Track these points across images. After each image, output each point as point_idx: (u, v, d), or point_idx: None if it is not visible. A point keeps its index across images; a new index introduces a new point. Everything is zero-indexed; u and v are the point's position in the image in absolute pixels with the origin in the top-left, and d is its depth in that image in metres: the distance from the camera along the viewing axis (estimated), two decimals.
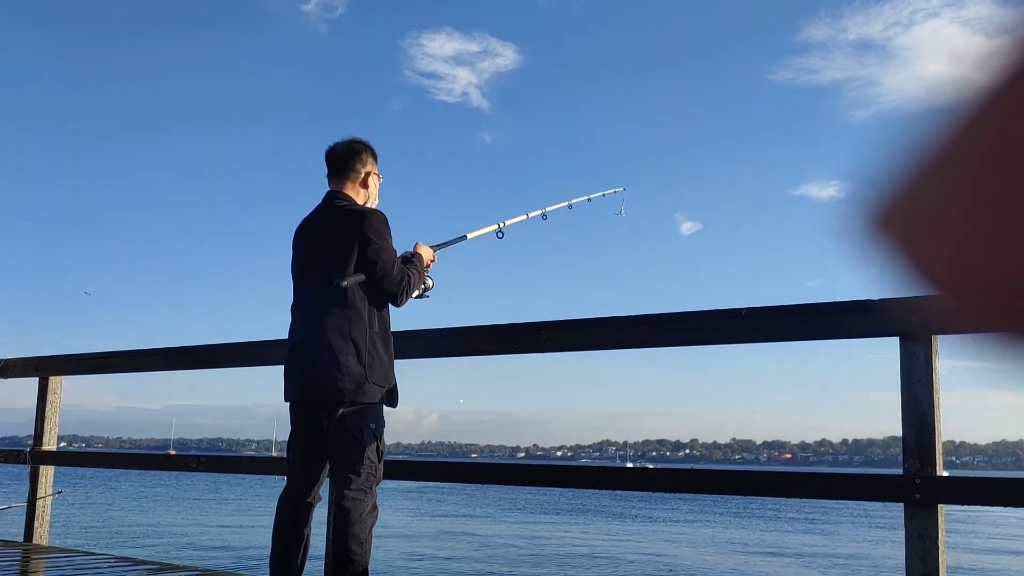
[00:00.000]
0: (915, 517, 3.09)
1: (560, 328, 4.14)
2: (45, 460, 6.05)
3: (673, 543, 27.89)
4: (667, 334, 3.88)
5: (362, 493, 3.50)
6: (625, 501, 48.52)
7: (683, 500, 49.30)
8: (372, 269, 3.59)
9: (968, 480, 3.09)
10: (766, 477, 3.56)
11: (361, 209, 3.76)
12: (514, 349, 4.28)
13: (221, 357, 5.51)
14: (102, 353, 6.07)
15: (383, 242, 3.64)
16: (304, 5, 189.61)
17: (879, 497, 3.27)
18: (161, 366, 5.89)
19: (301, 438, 3.72)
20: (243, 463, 5.74)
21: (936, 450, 3.10)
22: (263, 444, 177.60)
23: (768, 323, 3.60)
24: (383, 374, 3.61)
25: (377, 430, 3.58)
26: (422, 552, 23.19)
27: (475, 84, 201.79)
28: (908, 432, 3.14)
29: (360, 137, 3.94)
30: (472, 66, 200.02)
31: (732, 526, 35.99)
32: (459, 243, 4.42)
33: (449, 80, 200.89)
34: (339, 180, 3.87)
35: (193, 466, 5.63)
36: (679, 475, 3.87)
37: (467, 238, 4.52)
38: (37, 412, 6.16)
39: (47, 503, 6.06)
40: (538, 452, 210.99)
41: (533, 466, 4.29)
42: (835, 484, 3.35)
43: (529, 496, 50.02)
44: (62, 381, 6.27)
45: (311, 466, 3.70)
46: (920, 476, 3.08)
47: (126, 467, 6.53)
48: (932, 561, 3.04)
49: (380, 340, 3.63)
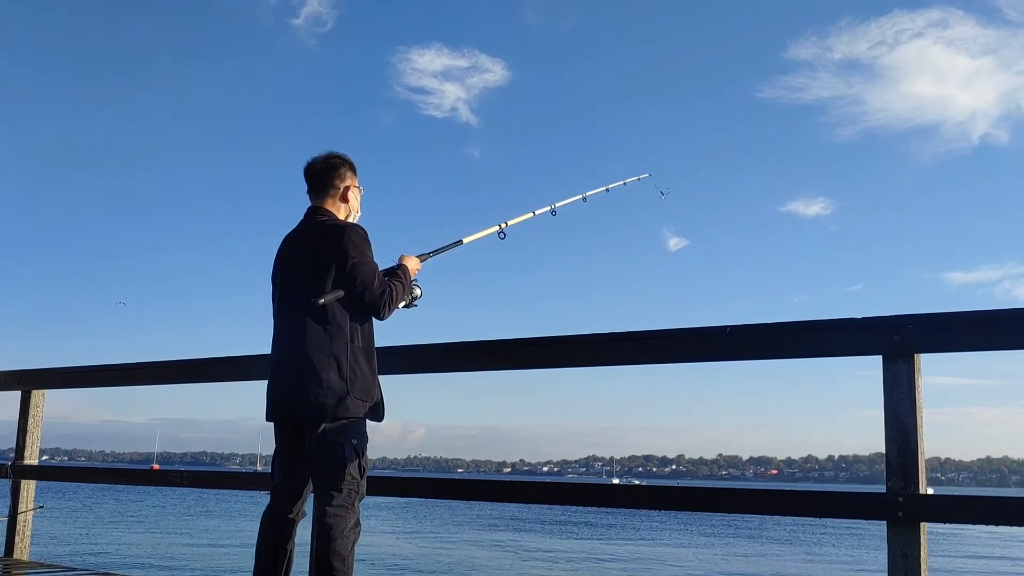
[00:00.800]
0: (898, 535, 3.09)
1: (546, 344, 4.14)
2: (27, 474, 6.00)
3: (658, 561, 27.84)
4: (653, 351, 3.88)
5: (344, 509, 3.48)
6: (610, 517, 48.40)
7: (669, 516, 49.20)
8: (352, 284, 3.58)
9: (950, 498, 3.09)
10: (751, 494, 3.56)
11: (340, 224, 3.75)
12: (501, 365, 4.27)
13: (205, 372, 5.48)
14: (85, 367, 6.03)
15: (362, 256, 3.63)
16: (294, 20, 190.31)
17: (862, 515, 3.27)
18: (145, 380, 5.86)
19: (285, 454, 3.70)
20: (226, 478, 5.66)
21: (919, 468, 3.10)
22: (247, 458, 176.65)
23: (752, 341, 3.61)
24: (366, 388, 3.60)
25: (359, 446, 3.56)
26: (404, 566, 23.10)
27: (464, 99, 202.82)
28: (891, 450, 3.15)
29: (337, 151, 3.93)
30: (461, 81, 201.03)
31: (718, 543, 35.93)
32: (455, 248, 4.39)
33: (438, 95, 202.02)
34: (319, 196, 3.87)
35: (176, 481, 5.59)
36: (665, 492, 3.87)
37: (463, 243, 4.49)
38: (19, 426, 6.11)
39: (28, 518, 6.01)
40: (524, 467, 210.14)
41: (519, 482, 4.27)
42: (819, 501, 3.34)
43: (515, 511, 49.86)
44: (44, 395, 6.23)
45: (295, 482, 3.68)
46: (903, 494, 3.09)
47: (108, 481, 6.48)
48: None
49: (362, 354, 3.62)
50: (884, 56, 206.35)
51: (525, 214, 5.00)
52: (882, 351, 3.21)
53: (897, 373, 3.17)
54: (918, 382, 3.15)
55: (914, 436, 3.11)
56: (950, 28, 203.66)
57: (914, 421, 3.12)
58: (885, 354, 3.20)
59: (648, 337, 3.83)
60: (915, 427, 3.11)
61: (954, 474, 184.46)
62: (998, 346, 3.08)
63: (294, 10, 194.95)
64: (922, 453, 3.12)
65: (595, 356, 4.03)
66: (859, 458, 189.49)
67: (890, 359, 3.19)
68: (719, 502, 3.61)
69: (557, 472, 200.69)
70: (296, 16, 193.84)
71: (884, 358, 3.20)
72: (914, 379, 3.15)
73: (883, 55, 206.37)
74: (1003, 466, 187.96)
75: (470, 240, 4.54)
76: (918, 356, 3.17)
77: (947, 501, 3.09)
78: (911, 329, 3.16)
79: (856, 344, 3.32)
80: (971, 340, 3.12)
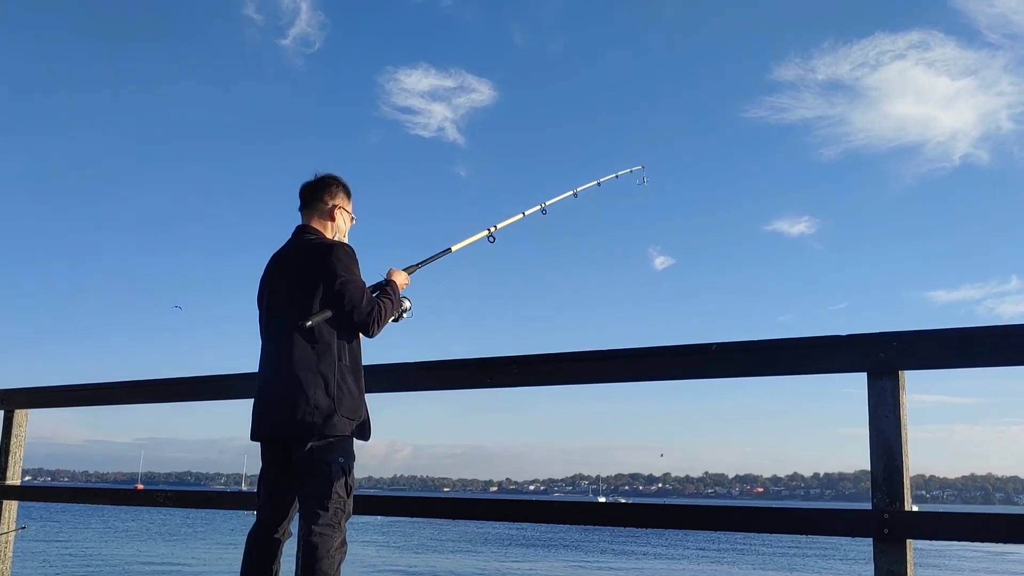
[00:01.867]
0: (884, 552, 3.09)
1: (531, 362, 4.13)
2: (8, 495, 5.94)
3: None
4: (639, 369, 3.87)
5: (330, 528, 3.45)
6: (596, 535, 48.27)
7: (654, 534, 49.12)
8: (340, 303, 3.58)
9: (936, 515, 3.09)
10: (737, 512, 3.55)
11: (327, 242, 3.75)
12: (485, 383, 4.26)
13: (190, 390, 5.44)
14: (69, 386, 5.98)
15: (349, 275, 3.63)
16: (282, 40, 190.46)
17: (848, 532, 3.26)
18: (129, 399, 5.81)
19: (271, 473, 3.68)
20: (211, 498, 5.63)
21: (904, 485, 3.10)
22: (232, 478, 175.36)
23: (738, 358, 3.60)
24: (352, 407, 3.58)
25: (346, 464, 3.55)
26: None
27: (451, 119, 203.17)
28: (876, 467, 3.15)
29: (334, 173, 3.95)
30: (448, 101, 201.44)
31: (704, 560, 35.86)
32: (444, 257, 4.38)
33: (425, 115, 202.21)
34: (308, 213, 3.88)
35: (160, 501, 5.54)
36: (650, 510, 3.85)
37: (452, 251, 4.47)
38: (1, 446, 6.06)
39: (9, 539, 5.95)
40: (511, 486, 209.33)
41: (505, 501, 4.26)
42: (805, 519, 3.34)
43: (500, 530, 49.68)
44: (27, 414, 6.18)
45: (281, 501, 3.66)
46: (888, 511, 3.08)
47: (92, 501, 6.41)
48: None
49: (349, 373, 3.61)
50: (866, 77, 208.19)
51: (515, 215, 4.97)
52: (867, 368, 3.22)
53: (882, 390, 3.18)
54: (903, 399, 3.16)
55: (899, 453, 3.12)
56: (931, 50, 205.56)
57: (899, 438, 3.12)
58: (870, 371, 3.21)
59: (634, 355, 3.83)
60: (900, 444, 3.12)
61: (939, 491, 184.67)
62: (982, 363, 3.09)
63: (282, 31, 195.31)
64: (907, 470, 3.12)
65: (581, 374, 4.03)
66: (844, 476, 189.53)
67: (875, 376, 3.19)
68: (706, 519, 3.60)
69: (543, 491, 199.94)
70: (284, 36, 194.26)
71: (869, 375, 3.21)
72: (899, 396, 3.15)
73: (865, 76, 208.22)
74: (987, 483, 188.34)
75: (459, 247, 4.52)
76: (903, 373, 3.17)
77: (933, 518, 3.09)
78: (895, 346, 3.17)
79: (841, 361, 3.32)
80: (955, 357, 3.14)
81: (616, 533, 48.81)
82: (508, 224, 4.88)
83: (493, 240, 4.75)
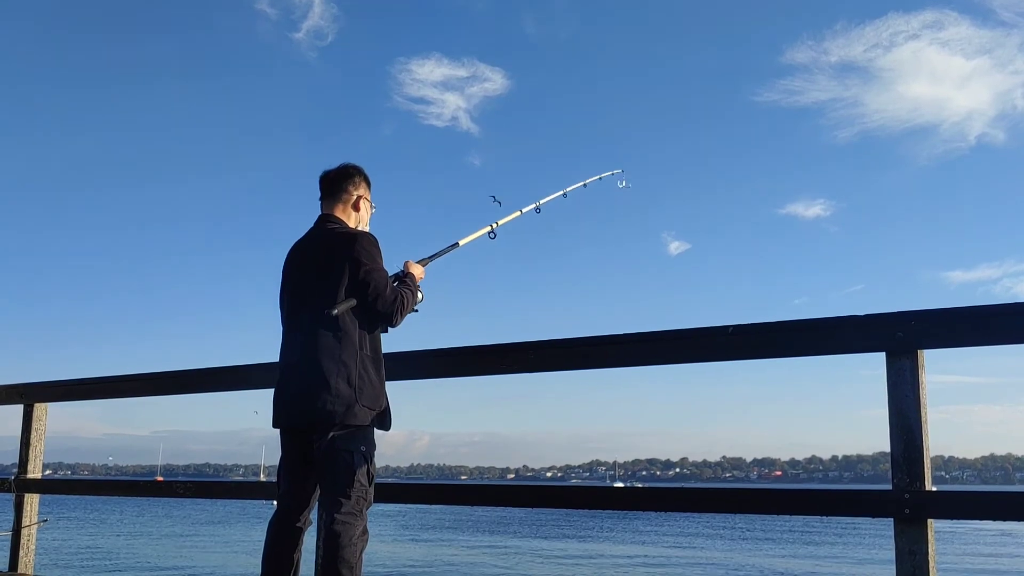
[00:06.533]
0: (905, 533, 3.08)
1: (547, 347, 4.13)
2: (30, 488, 5.98)
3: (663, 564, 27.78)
4: (655, 352, 3.86)
5: (352, 517, 3.46)
6: (614, 520, 48.35)
7: (673, 519, 49.17)
8: (364, 292, 3.58)
9: (957, 494, 3.07)
10: (756, 494, 3.55)
11: (351, 232, 3.75)
12: (502, 369, 4.26)
13: (206, 382, 5.46)
14: (87, 379, 6.01)
15: (374, 264, 3.63)
16: (295, 33, 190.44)
17: (869, 513, 3.24)
18: (147, 391, 5.84)
19: (291, 462, 3.68)
20: (230, 488, 5.66)
21: (924, 465, 3.09)
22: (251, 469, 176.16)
23: (754, 340, 3.59)
24: (374, 396, 3.59)
25: (368, 453, 3.55)
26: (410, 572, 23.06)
27: (464, 108, 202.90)
28: (896, 447, 3.14)
29: (355, 163, 3.96)
30: (461, 91, 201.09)
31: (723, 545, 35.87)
32: (452, 251, 4.41)
33: (438, 105, 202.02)
34: (330, 202, 3.88)
35: (180, 492, 5.58)
36: (668, 494, 3.85)
37: (459, 245, 4.50)
38: (22, 440, 6.10)
39: (32, 532, 6.00)
40: (528, 473, 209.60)
41: (522, 487, 4.26)
42: (825, 500, 3.33)
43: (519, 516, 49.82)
44: (47, 408, 6.22)
45: (302, 490, 3.67)
46: (909, 491, 3.07)
47: (112, 494, 6.46)
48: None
49: (371, 362, 3.61)
50: (880, 58, 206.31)
51: (512, 213, 5.03)
52: (885, 348, 3.20)
53: (900, 369, 3.16)
54: (922, 378, 3.14)
55: (919, 432, 3.10)
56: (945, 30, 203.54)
57: (919, 417, 3.10)
58: (888, 351, 3.19)
59: (650, 339, 3.82)
60: (920, 423, 3.10)
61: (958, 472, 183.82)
62: (1000, 340, 3.08)
63: (295, 24, 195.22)
64: (927, 449, 3.11)
65: (597, 358, 4.02)
66: (863, 458, 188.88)
67: (893, 356, 3.18)
68: (725, 503, 3.60)
69: (561, 477, 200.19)
70: (297, 30, 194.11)
71: (887, 355, 3.19)
72: (918, 375, 3.13)
73: (879, 57, 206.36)
74: (1007, 463, 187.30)
75: (465, 242, 4.57)
76: (921, 352, 3.15)
77: (954, 497, 3.07)
78: (913, 325, 3.15)
79: (859, 341, 3.30)
80: (973, 335, 3.11)
81: (634, 517, 48.88)
82: (507, 221, 4.96)
83: (494, 236, 4.81)
